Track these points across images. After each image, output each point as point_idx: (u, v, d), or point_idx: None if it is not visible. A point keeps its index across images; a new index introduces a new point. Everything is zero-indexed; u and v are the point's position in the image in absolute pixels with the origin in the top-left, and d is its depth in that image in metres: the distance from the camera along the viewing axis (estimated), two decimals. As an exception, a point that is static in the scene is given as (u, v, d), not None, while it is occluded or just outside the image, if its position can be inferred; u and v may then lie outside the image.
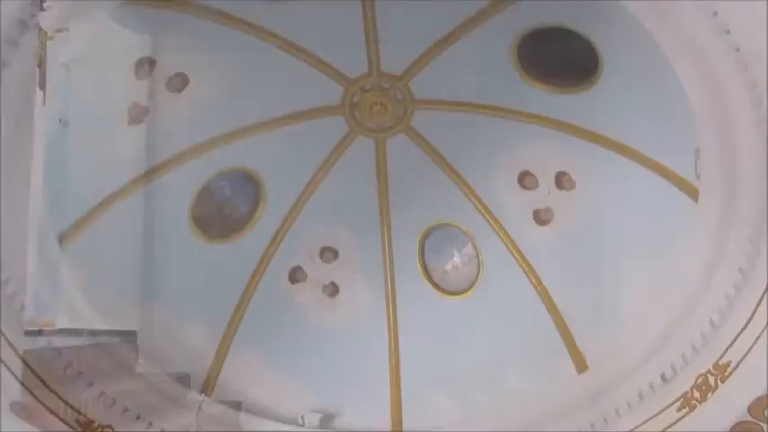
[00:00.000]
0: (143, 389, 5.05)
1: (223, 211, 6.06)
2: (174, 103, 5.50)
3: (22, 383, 4.40)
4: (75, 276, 4.84)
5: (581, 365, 5.27)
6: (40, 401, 4.49)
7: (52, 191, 4.58)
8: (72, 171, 4.86)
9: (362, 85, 5.83)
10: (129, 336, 5.07)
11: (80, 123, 4.86)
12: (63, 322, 4.65)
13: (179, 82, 5.46)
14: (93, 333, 4.83)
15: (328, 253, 6.38)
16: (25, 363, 4.50)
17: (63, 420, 4.62)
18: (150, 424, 5.00)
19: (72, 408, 4.67)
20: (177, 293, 5.76)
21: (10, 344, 4.16)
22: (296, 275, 6.29)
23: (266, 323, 5.97)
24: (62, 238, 4.84)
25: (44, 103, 4.21)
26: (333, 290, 6.31)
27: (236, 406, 5.44)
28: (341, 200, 6.25)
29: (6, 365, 4.17)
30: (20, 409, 4.12)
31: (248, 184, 6.09)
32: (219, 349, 5.79)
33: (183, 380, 5.33)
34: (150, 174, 5.47)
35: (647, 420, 4.62)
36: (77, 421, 4.71)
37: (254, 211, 6.10)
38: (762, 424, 4.00)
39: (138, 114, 5.34)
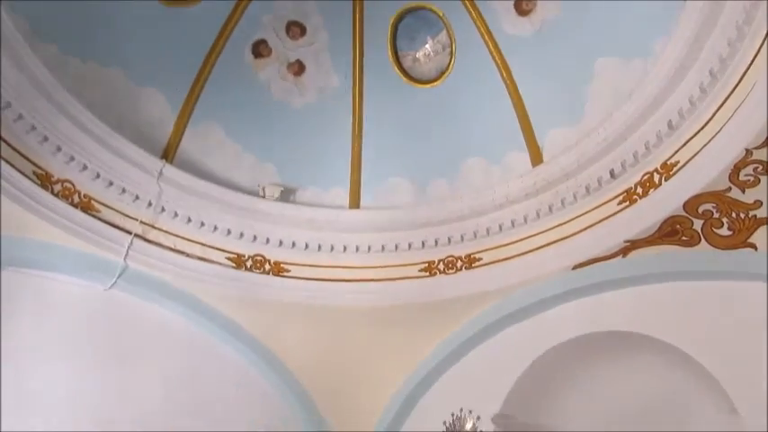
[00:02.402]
0: (101, 149, 5.02)
1: (180, -32, 5.52)
2: None
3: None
4: (16, 24, 4.46)
5: (537, 159, 5.41)
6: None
7: None
8: None
9: None
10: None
11: None
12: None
13: None
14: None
15: (295, 28, 6.02)
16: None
17: (20, 172, 4.65)
18: (110, 183, 5.09)
19: (28, 160, 4.66)
20: (133, 57, 5.46)
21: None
22: (260, 49, 5.99)
23: (228, 96, 5.80)
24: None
25: None
26: (298, 68, 6.08)
27: (197, 174, 5.50)
28: (312, -32, 5.75)
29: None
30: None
31: (208, -61, 5.49)
32: (180, 118, 5.68)
33: (143, 144, 5.28)
34: None
35: (589, 211, 4.91)
36: (35, 173, 4.73)
37: (214, -28, 5.58)
38: (692, 219, 4.30)
39: None
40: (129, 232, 5.06)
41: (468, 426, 3.62)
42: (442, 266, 5.53)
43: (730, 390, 4.03)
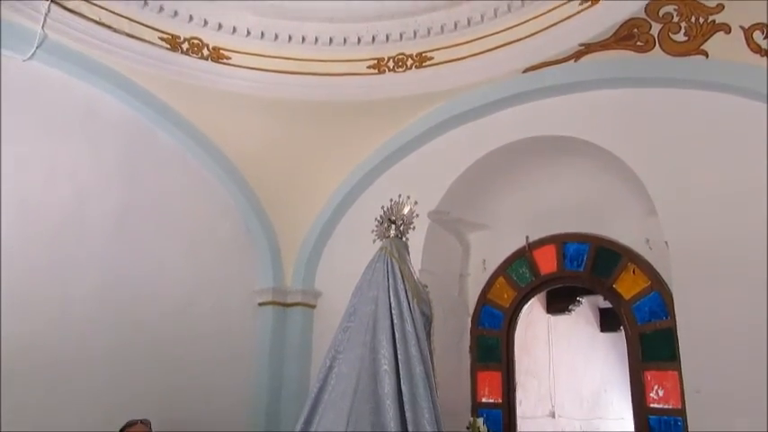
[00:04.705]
0: None
1: None
2: None
3: None
4: None
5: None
6: None
7: None
8: None
9: None
10: None
11: None
12: None
13: None
14: None
15: None
16: None
17: None
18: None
19: None
20: None
21: None
22: None
23: None
24: None
25: None
26: None
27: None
28: None
29: None
30: None
31: None
32: None
33: None
34: None
35: (548, 11, 4.63)
36: None
37: None
38: (651, 22, 4.18)
39: None
40: (43, -3, 4.50)
41: (406, 210, 3.70)
42: (391, 64, 5.30)
43: (654, 194, 4.25)
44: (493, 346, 5.27)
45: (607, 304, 7.56)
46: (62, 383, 4.36)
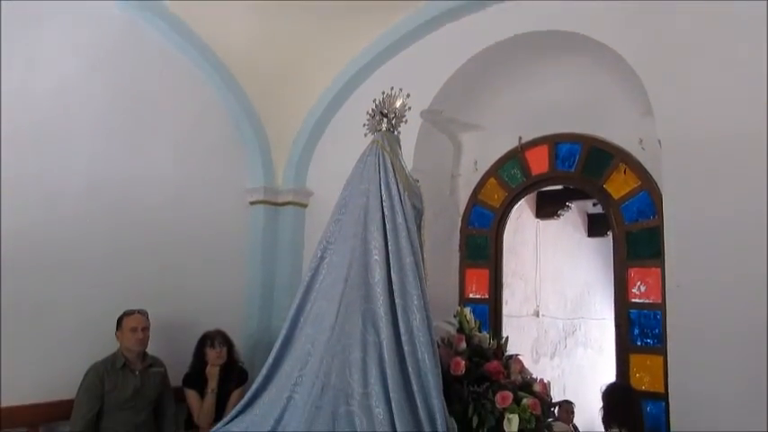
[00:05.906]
0: None
1: None
2: None
3: None
4: None
5: None
6: None
7: None
8: None
9: None
10: None
11: None
12: None
13: None
14: None
15: None
16: None
17: None
18: None
19: None
20: None
21: None
22: None
23: None
24: None
25: None
26: None
27: None
28: None
29: None
30: None
31: None
32: None
33: None
34: None
35: None
36: None
37: None
38: None
39: None
40: None
41: (398, 103, 3.61)
42: (385, -48, 5.01)
43: (651, 90, 4.15)
44: (482, 245, 5.36)
45: (596, 210, 7.68)
46: (60, 274, 4.41)
